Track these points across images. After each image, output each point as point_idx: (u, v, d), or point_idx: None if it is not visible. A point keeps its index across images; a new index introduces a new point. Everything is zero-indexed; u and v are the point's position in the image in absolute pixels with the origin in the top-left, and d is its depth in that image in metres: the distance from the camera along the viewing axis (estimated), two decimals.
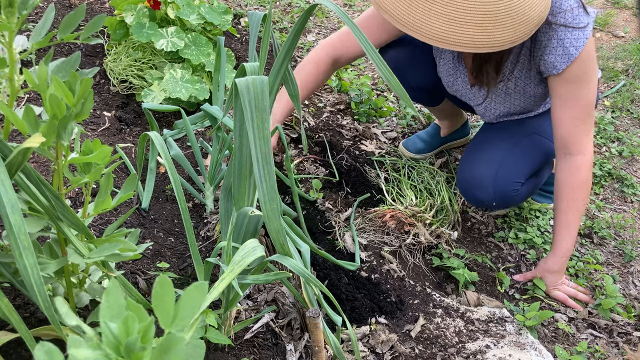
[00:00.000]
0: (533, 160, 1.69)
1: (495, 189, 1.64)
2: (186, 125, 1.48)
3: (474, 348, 1.34)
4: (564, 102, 1.48)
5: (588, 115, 1.49)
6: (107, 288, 0.44)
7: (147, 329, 0.43)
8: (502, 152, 1.66)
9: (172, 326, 0.44)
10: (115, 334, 0.42)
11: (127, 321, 0.42)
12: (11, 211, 0.70)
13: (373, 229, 1.70)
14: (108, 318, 0.42)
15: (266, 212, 0.90)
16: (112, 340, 0.42)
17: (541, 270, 1.64)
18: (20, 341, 0.99)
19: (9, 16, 0.77)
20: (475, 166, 1.68)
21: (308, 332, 1.22)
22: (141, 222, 1.48)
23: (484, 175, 1.64)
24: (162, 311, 0.44)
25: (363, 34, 0.95)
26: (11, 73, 0.81)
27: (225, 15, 2.05)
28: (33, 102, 1.80)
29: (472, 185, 1.67)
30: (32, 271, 0.72)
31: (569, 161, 1.53)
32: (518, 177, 1.65)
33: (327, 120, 2.17)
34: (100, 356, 0.41)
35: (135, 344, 0.41)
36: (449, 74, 1.71)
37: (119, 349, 0.42)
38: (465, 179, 1.70)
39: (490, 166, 1.64)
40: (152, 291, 0.44)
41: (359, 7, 3.61)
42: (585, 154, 1.51)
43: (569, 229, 1.56)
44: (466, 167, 1.72)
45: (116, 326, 0.42)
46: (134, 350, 0.41)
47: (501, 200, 1.67)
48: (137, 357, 0.42)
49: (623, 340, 1.51)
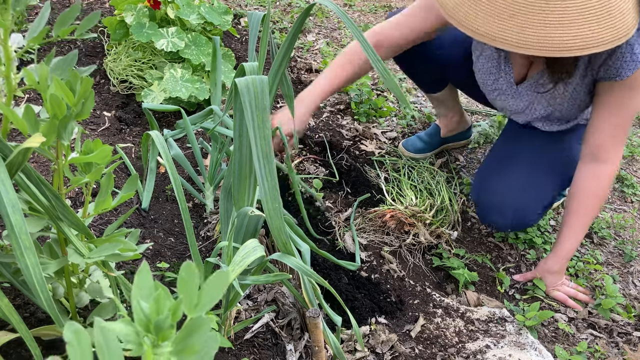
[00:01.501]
0: (556, 191, 1.67)
1: (514, 217, 1.62)
2: (186, 125, 1.48)
3: (474, 348, 1.34)
4: (611, 108, 1.43)
5: (628, 125, 1.46)
6: (138, 269, 0.46)
7: (177, 307, 0.45)
8: (526, 178, 1.61)
9: (195, 311, 0.45)
10: (146, 313, 0.44)
11: (159, 300, 0.44)
12: (12, 211, 0.70)
13: (373, 229, 1.70)
14: (139, 297, 0.45)
15: (268, 211, 0.91)
16: (143, 319, 0.44)
17: (541, 270, 1.64)
18: (20, 341, 0.99)
19: (3, 13, 0.77)
20: (497, 190, 1.63)
21: (308, 332, 1.22)
22: (141, 222, 1.48)
23: (505, 203, 1.61)
24: (186, 296, 0.46)
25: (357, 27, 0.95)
26: (7, 71, 0.81)
27: (225, 16, 2.05)
28: (33, 102, 1.80)
29: (491, 210, 1.65)
30: (34, 271, 0.72)
31: (594, 167, 1.49)
32: (538, 208, 1.63)
33: (327, 120, 2.17)
34: (132, 332, 0.43)
35: (165, 321, 0.43)
36: (489, 73, 1.63)
37: (149, 326, 0.44)
38: (485, 202, 1.67)
39: (512, 194, 1.60)
40: (178, 277, 0.46)
41: (358, 7, 3.62)
42: (613, 165, 1.48)
43: (576, 233, 1.55)
44: (487, 189, 1.67)
45: (147, 305, 0.44)
46: (164, 328, 0.43)
47: (517, 227, 1.67)
48: (165, 336, 0.44)
49: (623, 340, 1.52)
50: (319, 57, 2.69)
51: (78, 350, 0.39)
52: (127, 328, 0.43)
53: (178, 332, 0.44)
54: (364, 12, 3.55)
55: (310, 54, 2.74)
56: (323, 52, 2.75)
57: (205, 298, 0.46)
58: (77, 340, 0.39)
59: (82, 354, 0.39)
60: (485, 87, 1.69)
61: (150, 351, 0.43)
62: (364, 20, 3.39)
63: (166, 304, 0.45)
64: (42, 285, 0.72)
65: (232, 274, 0.81)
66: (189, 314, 0.45)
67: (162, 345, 0.44)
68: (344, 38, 3.03)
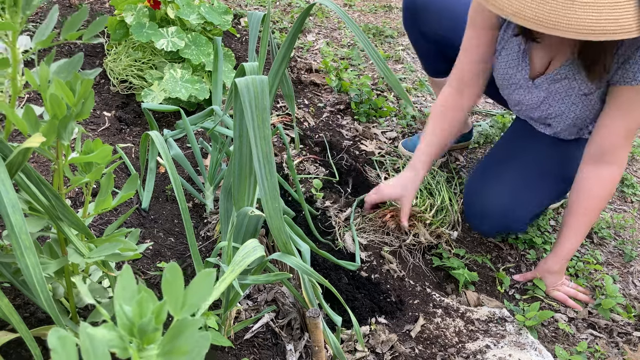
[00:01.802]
0: (547, 202, 1.67)
1: (503, 224, 1.63)
2: (186, 126, 1.48)
3: (474, 348, 1.34)
4: (622, 111, 1.41)
5: (637, 129, 1.44)
6: (120, 272, 0.45)
7: (160, 310, 0.44)
8: (519, 187, 1.61)
9: (182, 313, 0.45)
10: (129, 316, 0.43)
11: (142, 302, 0.44)
12: (12, 211, 0.70)
13: (373, 229, 1.70)
14: (122, 301, 0.44)
15: (268, 211, 0.91)
16: (126, 322, 0.43)
17: (541, 270, 1.63)
18: (20, 341, 0.99)
19: (13, 15, 0.77)
20: (488, 198, 1.63)
21: (308, 332, 1.22)
22: (141, 222, 1.48)
23: (495, 211, 1.61)
24: (171, 298, 0.45)
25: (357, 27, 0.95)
26: (14, 73, 0.81)
27: (225, 16, 2.05)
28: (33, 102, 1.79)
29: (481, 215, 1.65)
30: (34, 270, 0.72)
31: (599, 169, 1.47)
32: (527, 218, 1.64)
33: (327, 120, 2.17)
34: (115, 336, 0.42)
35: (149, 324, 0.43)
36: (509, 67, 1.60)
37: (133, 330, 0.43)
38: (475, 207, 1.67)
39: (503, 201, 1.60)
40: (162, 278, 0.45)
41: (358, 7, 3.61)
42: (619, 167, 1.46)
43: (576, 233, 1.54)
44: (478, 193, 1.67)
45: (130, 309, 0.44)
46: (147, 331, 0.43)
47: (504, 232, 1.69)
48: (150, 339, 0.43)
49: (623, 340, 1.52)
50: (319, 57, 2.70)
51: (63, 356, 0.39)
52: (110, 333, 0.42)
53: (165, 335, 0.43)
54: (364, 12, 3.55)
55: (310, 54, 2.74)
56: (323, 52, 2.75)
57: (191, 298, 0.45)
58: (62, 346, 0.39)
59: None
60: (503, 81, 1.65)
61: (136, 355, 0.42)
62: (364, 20, 3.39)
63: (149, 307, 0.44)
64: (42, 285, 0.72)
65: (232, 274, 0.81)
66: (175, 315, 0.45)
67: (147, 348, 0.43)
68: (344, 38, 3.03)
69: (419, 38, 1.91)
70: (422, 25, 1.86)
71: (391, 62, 2.91)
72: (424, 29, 1.86)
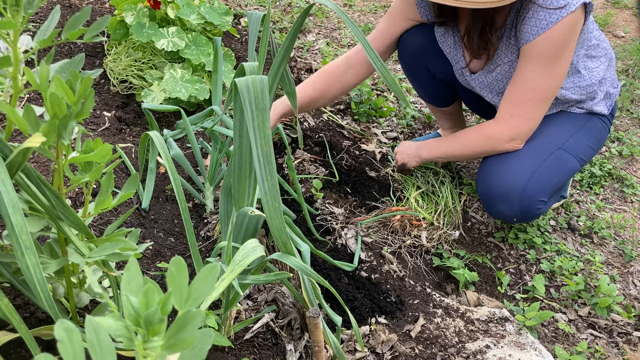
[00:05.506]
0: (559, 178, 1.66)
1: (521, 204, 1.60)
2: (186, 126, 1.48)
3: (474, 348, 1.34)
4: (513, 78, 1.53)
5: (527, 100, 1.52)
6: (127, 265, 0.46)
7: (166, 300, 0.44)
8: (530, 167, 1.61)
9: (186, 306, 0.45)
10: (135, 307, 0.44)
11: (148, 293, 0.44)
12: (12, 211, 0.70)
13: (374, 229, 1.70)
14: (128, 293, 0.45)
15: (268, 211, 0.91)
16: (132, 313, 0.44)
17: (415, 145, 1.83)
18: (20, 341, 0.99)
19: (15, 14, 0.77)
20: (502, 180, 1.62)
21: (308, 332, 1.22)
22: (141, 222, 1.48)
23: (512, 190, 1.59)
24: (176, 291, 0.45)
25: (357, 27, 0.95)
26: (15, 72, 0.81)
27: (226, 16, 2.05)
28: (33, 102, 1.79)
29: (498, 199, 1.62)
30: (35, 270, 0.72)
31: (485, 123, 1.66)
32: (543, 195, 1.62)
33: (327, 120, 2.17)
34: (122, 327, 0.43)
35: (155, 315, 0.43)
36: (455, 62, 1.73)
37: (139, 321, 0.44)
38: (491, 191, 1.65)
39: (518, 181, 1.60)
40: (167, 271, 0.46)
41: (358, 7, 3.61)
42: (499, 128, 1.59)
43: (449, 145, 1.73)
44: (491, 179, 1.66)
45: (136, 299, 0.44)
46: (153, 322, 0.43)
47: (523, 216, 1.64)
48: (155, 330, 0.43)
49: (623, 340, 1.52)
50: (319, 57, 2.69)
51: (70, 348, 0.39)
52: (116, 323, 0.43)
53: (170, 327, 0.44)
54: (364, 12, 3.55)
55: (310, 54, 2.74)
56: (323, 52, 2.75)
57: (196, 292, 0.46)
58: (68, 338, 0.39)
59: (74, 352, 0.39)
60: (459, 77, 1.78)
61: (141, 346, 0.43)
62: (364, 20, 3.39)
63: (155, 298, 0.45)
64: (43, 285, 0.72)
65: (231, 274, 0.81)
66: (180, 308, 0.45)
67: (152, 339, 0.44)
68: (344, 38, 3.03)
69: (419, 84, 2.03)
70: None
71: (391, 62, 2.91)
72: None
